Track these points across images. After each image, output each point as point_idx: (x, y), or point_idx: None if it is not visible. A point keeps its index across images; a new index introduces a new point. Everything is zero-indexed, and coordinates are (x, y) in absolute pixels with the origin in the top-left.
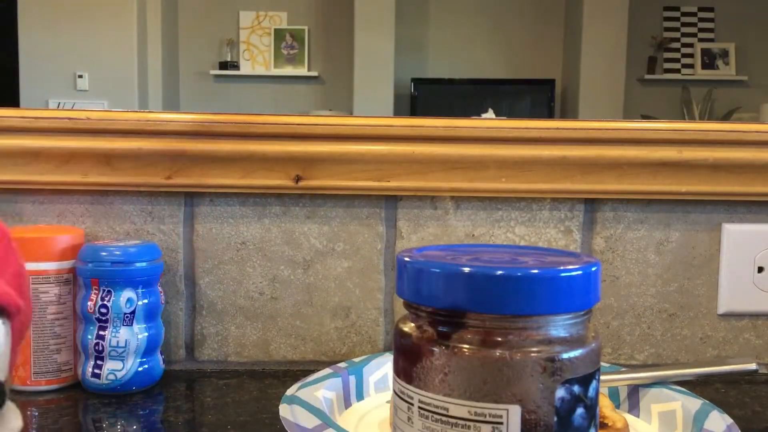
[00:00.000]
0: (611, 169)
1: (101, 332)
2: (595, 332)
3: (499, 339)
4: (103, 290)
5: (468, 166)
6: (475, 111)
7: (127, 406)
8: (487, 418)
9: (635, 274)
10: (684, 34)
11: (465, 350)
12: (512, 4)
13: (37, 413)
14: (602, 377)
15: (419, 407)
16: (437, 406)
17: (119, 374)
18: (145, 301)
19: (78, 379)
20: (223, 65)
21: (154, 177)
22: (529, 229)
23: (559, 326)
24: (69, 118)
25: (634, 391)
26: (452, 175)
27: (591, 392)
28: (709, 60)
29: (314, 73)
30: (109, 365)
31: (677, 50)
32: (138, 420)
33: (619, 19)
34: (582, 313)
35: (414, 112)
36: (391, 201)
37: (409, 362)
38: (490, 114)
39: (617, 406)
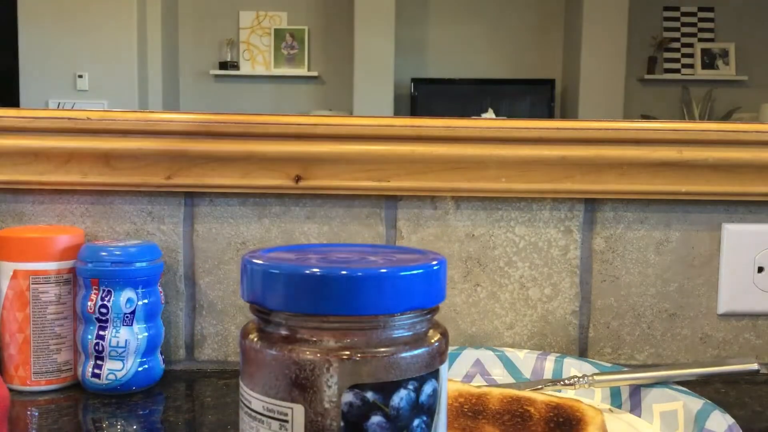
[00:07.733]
0: (611, 169)
1: (101, 332)
2: (419, 341)
3: (296, 337)
4: (103, 290)
5: (468, 166)
6: (475, 111)
7: (127, 406)
8: (276, 415)
9: (635, 274)
10: (684, 34)
11: (260, 346)
12: (512, 5)
13: (37, 413)
14: (604, 377)
15: (240, 396)
16: (245, 398)
17: (119, 374)
18: (145, 301)
19: (78, 379)
20: (223, 65)
21: (153, 177)
22: (529, 229)
23: (356, 328)
24: (69, 118)
25: (636, 390)
26: (452, 175)
27: (397, 401)
28: (709, 60)
29: (314, 73)
30: (109, 365)
31: (677, 50)
32: (138, 420)
33: (619, 19)
34: (385, 315)
35: (414, 112)
36: (391, 201)
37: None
38: (490, 114)
39: (619, 406)
